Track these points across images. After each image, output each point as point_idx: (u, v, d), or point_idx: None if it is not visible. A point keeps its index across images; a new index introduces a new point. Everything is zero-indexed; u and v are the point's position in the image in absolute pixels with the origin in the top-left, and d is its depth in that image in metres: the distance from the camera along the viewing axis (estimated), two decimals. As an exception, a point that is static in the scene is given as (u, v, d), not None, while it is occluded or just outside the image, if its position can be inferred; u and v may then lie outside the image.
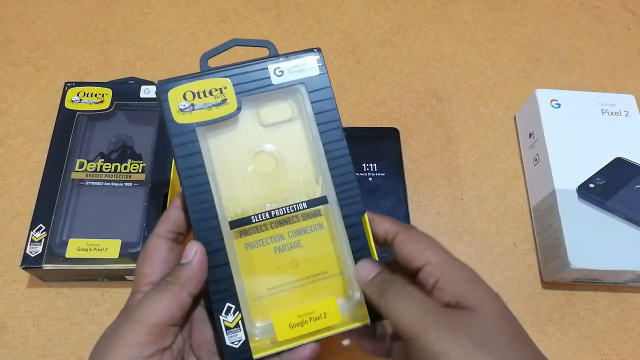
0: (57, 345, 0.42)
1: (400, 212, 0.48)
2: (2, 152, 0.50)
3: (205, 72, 0.32)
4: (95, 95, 0.48)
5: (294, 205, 0.32)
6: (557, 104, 0.51)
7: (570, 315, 0.46)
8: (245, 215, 0.32)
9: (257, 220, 0.32)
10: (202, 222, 0.31)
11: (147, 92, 0.49)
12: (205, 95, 0.31)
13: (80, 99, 0.48)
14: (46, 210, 0.43)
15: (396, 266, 0.31)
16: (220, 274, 0.31)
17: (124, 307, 0.30)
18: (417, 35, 0.61)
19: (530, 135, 0.52)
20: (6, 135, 0.51)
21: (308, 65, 0.33)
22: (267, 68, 0.32)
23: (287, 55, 0.33)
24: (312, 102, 0.33)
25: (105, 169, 0.45)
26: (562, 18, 0.64)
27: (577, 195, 0.46)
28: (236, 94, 0.32)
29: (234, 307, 0.31)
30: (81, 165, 0.45)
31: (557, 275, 0.45)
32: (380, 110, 0.56)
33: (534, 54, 0.61)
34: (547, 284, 0.47)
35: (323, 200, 0.33)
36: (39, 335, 0.42)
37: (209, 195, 0.31)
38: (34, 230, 0.42)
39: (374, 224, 0.33)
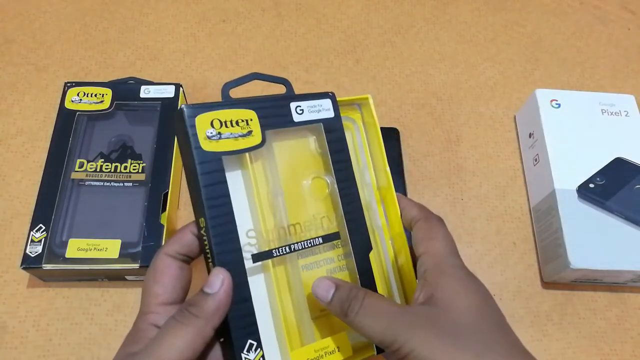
0: (57, 345, 0.42)
1: (400, 212, 0.48)
2: (2, 152, 0.50)
3: (232, 102, 0.32)
4: (95, 95, 0.48)
5: (311, 240, 0.33)
6: (557, 104, 0.51)
7: (570, 315, 0.46)
8: (267, 249, 0.31)
9: (277, 255, 0.32)
10: (225, 254, 0.29)
11: (147, 92, 0.49)
12: (232, 125, 0.31)
13: (80, 99, 0.48)
14: (46, 210, 0.43)
15: (411, 251, 0.33)
16: (243, 310, 0.29)
17: (134, 329, 0.28)
18: (417, 36, 0.61)
19: (530, 135, 0.52)
20: (6, 135, 0.51)
21: (324, 107, 0.34)
22: (289, 105, 0.33)
23: (306, 95, 0.34)
24: (327, 142, 0.33)
25: (105, 169, 0.45)
26: (562, 18, 0.64)
27: (577, 195, 0.46)
28: (260, 126, 0.32)
29: (255, 344, 0.30)
30: (81, 165, 0.45)
31: (557, 275, 0.45)
32: (380, 110, 0.56)
33: (533, 54, 0.61)
34: (547, 284, 0.47)
35: (336, 236, 0.34)
36: (39, 335, 0.42)
37: (234, 226, 0.30)
38: (34, 230, 0.42)
39: (404, 206, 0.34)
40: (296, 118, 0.33)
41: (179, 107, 0.31)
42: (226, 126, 0.31)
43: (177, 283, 0.30)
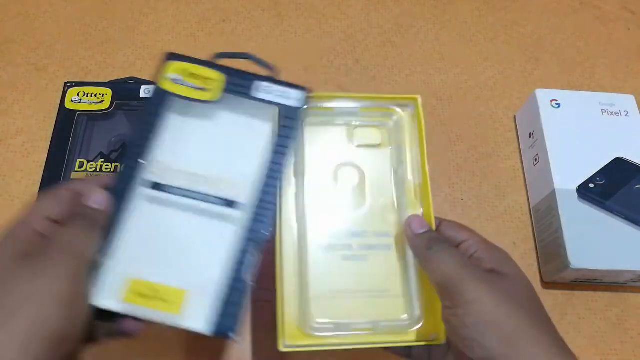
0: (57, 345, 0.42)
1: (400, 212, 0.48)
2: (2, 152, 0.50)
3: (208, 62, 0.36)
4: (95, 95, 0.48)
5: (208, 196, 0.34)
6: (557, 104, 0.51)
7: (570, 316, 0.46)
8: (165, 183, 0.34)
9: (171, 192, 0.34)
10: (129, 169, 0.33)
11: (147, 92, 0.49)
12: (195, 78, 0.35)
13: (80, 99, 0.48)
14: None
15: None
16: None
17: (11, 234, 0.29)
18: (417, 35, 0.61)
19: (530, 135, 0.52)
20: (6, 135, 0.51)
21: (292, 96, 0.36)
22: (254, 81, 0.36)
23: (281, 82, 0.36)
24: (279, 126, 0.35)
25: (105, 169, 0.45)
26: (562, 18, 0.64)
27: (577, 195, 0.46)
28: (223, 89, 0.35)
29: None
30: (81, 165, 0.45)
31: (557, 275, 0.45)
32: (380, 110, 0.56)
33: (534, 53, 0.61)
34: (547, 284, 0.47)
35: (233, 204, 0.34)
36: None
37: (144, 150, 0.34)
38: None
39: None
40: (257, 94, 0.35)
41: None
42: (191, 77, 0.35)
43: (66, 212, 0.30)
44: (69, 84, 0.49)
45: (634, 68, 0.61)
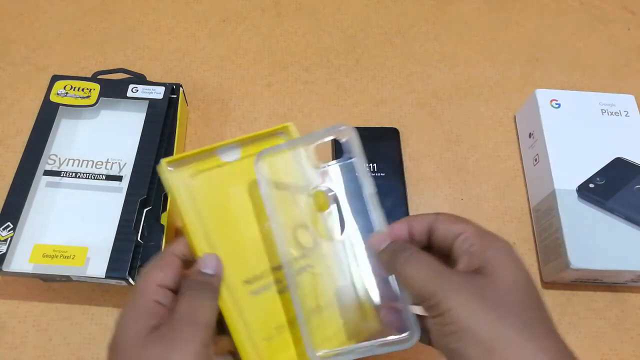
0: (57, 346, 0.42)
1: (400, 212, 0.48)
2: (2, 152, 0.50)
3: (83, 78, 0.49)
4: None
5: (96, 175, 0.45)
6: (557, 104, 0.51)
7: (570, 316, 0.46)
8: (58, 170, 0.44)
9: (64, 176, 0.44)
10: (26, 163, 0.44)
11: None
12: (77, 90, 0.47)
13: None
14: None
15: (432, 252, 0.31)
16: None
17: (135, 306, 0.29)
18: (417, 35, 0.61)
19: (530, 135, 0.52)
20: (6, 135, 0.51)
21: (157, 91, 0.48)
22: (128, 85, 0.48)
23: (148, 82, 0.49)
24: (146, 114, 0.46)
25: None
26: (562, 18, 0.64)
27: (577, 195, 0.46)
28: (98, 94, 0.47)
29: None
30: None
31: (557, 275, 0.45)
32: (380, 110, 0.56)
33: (533, 54, 0.61)
34: (547, 284, 0.47)
35: (118, 178, 0.45)
36: (39, 335, 0.42)
37: (42, 146, 0.45)
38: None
39: (413, 226, 0.32)
40: (129, 94, 0.48)
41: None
42: (73, 90, 0.47)
43: (175, 277, 0.30)
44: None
45: (634, 68, 0.61)
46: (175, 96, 0.49)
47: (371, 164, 0.50)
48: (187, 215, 0.31)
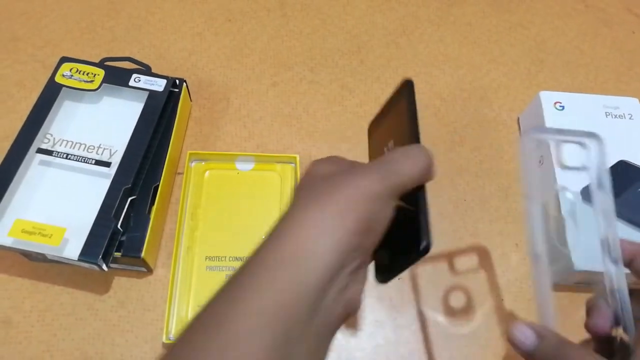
0: (62, 341, 0.42)
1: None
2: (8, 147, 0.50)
3: (94, 62, 0.49)
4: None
5: (87, 159, 0.46)
6: (560, 106, 0.51)
7: (574, 318, 0.46)
8: (51, 149, 0.46)
9: (56, 156, 0.45)
10: (23, 136, 0.45)
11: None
12: (82, 74, 0.48)
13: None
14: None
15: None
16: None
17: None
18: (421, 37, 0.61)
19: (533, 137, 0.52)
20: (14, 132, 0.51)
21: (158, 84, 0.49)
22: (131, 75, 0.49)
23: (151, 73, 0.49)
24: (144, 106, 0.47)
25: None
26: (566, 20, 0.64)
27: (580, 197, 0.46)
28: (102, 81, 0.48)
29: None
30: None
31: (560, 277, 0.45)
32: (384, 111, 0.56)
33: (538, 56, 0.61)
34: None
35: (107, 164, 0.46)
36: (44, 331, 0.42)
37: (40, 126, 0.46)
38: None
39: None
40: (131, 83, 0.48)
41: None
42: (78, 73, 0.48)
43: None
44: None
45: (638, 71, 0.61)
46: (177, 90, 0.50)
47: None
48: (194, 197, 0.46)
